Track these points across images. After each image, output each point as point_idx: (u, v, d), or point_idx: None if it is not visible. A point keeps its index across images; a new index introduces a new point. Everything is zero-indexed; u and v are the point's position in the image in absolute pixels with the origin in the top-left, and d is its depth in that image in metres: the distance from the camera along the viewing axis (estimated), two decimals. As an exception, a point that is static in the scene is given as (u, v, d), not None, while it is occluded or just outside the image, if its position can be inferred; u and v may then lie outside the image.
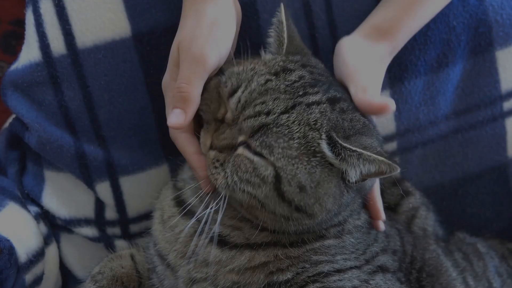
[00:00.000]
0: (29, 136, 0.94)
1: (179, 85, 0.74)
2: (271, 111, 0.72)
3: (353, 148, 0.70)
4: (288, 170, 0.70)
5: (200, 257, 0.79)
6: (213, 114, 0.77)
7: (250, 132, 0.72)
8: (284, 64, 0.78)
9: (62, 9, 0.88)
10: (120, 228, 0.99)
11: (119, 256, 0.90)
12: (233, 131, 0.74)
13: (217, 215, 0.75)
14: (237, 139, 0.74)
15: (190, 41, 0.76)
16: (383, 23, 0.89)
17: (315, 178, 0.71)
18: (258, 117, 0.72)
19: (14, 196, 0.93)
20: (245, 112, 0.73)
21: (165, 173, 0.97)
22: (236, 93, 0.75)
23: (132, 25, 0.90)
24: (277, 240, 0.78)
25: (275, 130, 0.71)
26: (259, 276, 0.76)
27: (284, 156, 0.70)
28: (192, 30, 0.77)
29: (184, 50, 0.76)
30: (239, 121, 0.73)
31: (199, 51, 0.75)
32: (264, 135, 0.71)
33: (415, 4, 0.89)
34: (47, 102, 0.91)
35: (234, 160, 0.73)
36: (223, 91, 0.76)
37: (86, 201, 0.97)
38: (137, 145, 0.95)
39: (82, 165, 0.93)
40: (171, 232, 0.82)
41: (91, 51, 0.89)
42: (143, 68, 0.92)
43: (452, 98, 1.04)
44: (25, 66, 0.91)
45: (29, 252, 0.87)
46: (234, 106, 0.74)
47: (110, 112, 0.92)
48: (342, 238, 0.79)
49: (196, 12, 0.79)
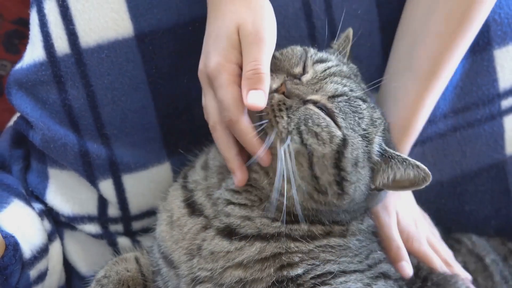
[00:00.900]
0: (33, 134, 0.94)
1: (254, 66, 0.74)
2: (352, 90, 0.80)
3: (398, 153, 0.79)
4: (354, 141, 0.76)
5: (206, 251, 0.79)
6: (288, 68, 0.81)
7: (332, 94, 0.78)
8: (357, 71, 0.89)
9: (66, 9, 0.89)
10: (122, 225, 0.99)
11: (123, 259, 0.90)
12: (309, 88, 0.78)
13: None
14: (310, 95, 0.78)
15: (253, 25, 0.77)
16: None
17: (365, 161, 0.77)
18: (344, 87, 0.79)
19: (18, 193, 0.94)
20: (333, 78, 0.80)
21: (167, 171, 0.98)
22: (325, 63, 0.82)
23: (134, 25, 0.91)
24: (289, 232, 0.78)
25: (353, 104, 0.78)
26: (269, 270, 0.76)
27: (354, 129, 0.77)
28: (250, 14, 0.78)
29: (250, 33, 0.76)
30: (321, 83, 0.79)
31: (265, 34, 0.77)
32: (343, 102, 0.78)
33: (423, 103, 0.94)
34: (51, 101, 0.92)
35: (305, 111, 0.76)
36: (311, 56, 0.83)
37: (89, 199, 0.98)
38: (139, 143, 0.96)
39: (86, 163, 0.94)
40: (179, 231, 0.83)
41: (94, 51, 0.90)
42: (146, 67, 0.93)
43: (450, 97, 1.04)
44: (29, 66, 0.92)
45: (33, 249, 0.87)
46: (321, 70, 0.81)
47: (113, 110, 0.93)
48: (347, 238, 0.80)
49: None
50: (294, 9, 0.95)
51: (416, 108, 0.94)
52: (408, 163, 0.77)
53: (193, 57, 0.91)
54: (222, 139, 0.79)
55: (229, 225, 0.80)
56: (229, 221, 0.80)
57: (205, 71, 0.80)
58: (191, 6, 0.91)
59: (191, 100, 0.95)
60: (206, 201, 0.84)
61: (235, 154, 0.79)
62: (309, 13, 0.96)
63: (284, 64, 0.81)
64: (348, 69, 0.86)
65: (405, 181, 0.78)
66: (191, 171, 0.91)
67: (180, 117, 0.96)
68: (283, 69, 0.81)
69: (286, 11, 0.95)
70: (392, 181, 0.78)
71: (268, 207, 0.79)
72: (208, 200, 0.84)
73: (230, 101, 0.75)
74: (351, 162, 0.76)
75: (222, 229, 0.80)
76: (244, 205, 0.81)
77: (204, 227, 0.81)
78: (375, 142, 0.79)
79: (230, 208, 0.81)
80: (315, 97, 0.78)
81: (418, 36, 0.94)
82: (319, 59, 0.83)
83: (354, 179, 0.77)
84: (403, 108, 0.95)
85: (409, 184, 0.78)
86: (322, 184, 0.76)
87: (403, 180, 0.78)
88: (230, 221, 0.80)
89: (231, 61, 0.77)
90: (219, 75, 0.77)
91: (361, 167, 0.77)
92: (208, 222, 0.81)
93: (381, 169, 0.79)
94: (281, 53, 0.84)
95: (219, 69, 0.77)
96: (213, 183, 0.85)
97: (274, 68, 0.80)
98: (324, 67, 0.82)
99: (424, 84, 0.93)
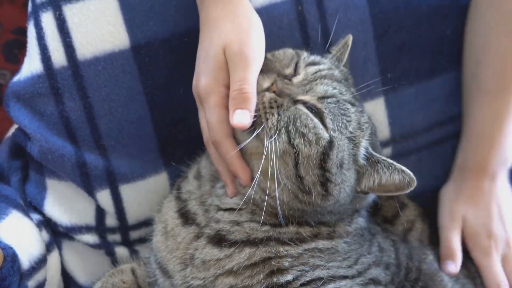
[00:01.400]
0: (31, 146, 0.95)
1: (239, 86, 0.75)
2: (342, 93, 0.82)
3: (384, 158, 0.80)
4: (340, 143, 0.78)
5: (198, 260, 0.80)
6: (279, 69, 0.83)
7: (322, 95, 0.80)
8: (348, 76, 0.91)
9: (63, 22, 0.90)
10: (120, 235, 1.00)
11: (120, 271, 0.91)
12: (299, 88, 0.80)
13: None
14: (300, 96, 0.79)
15: (239, 44, 0.78)
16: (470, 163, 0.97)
17: (350, 163, 0.79)
18: (334, 89, 0.81)
19: (17, 204, 0.94)
20: (323, 80, 0.82)
21: (164, 181, 0.99)
22: (317, 66, 0.84)
23: (130, 37, 0.91)
24: (277, 235, 0.80)
25: (342, 106, 0.80)
26: (259, 276, 0.77)
27: (341, 131, 0.79)
28: (236, 33, 0.79)
29: (235, 53, 0.78)
30: (311, 84, 0.81)
31: (251, 53, 0.78)
32: (333, 103, 0.79)
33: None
34: (49, 112, 0.93)
35: (295, 111, 0.77)
36: (303, 59, 0.85)
37: (87, 209, 0.98)
38: (136, 153, 0.96)
39: (83, 173, 0.94)
40: (173, 241, 0.84)
41: (91, 63, 0.91)
42: (142, 78, 0.93)
43: (446, 104, 1.05)
44: (27, 78, 0.92)
45: (31, 259, 0.88)
46: (312, 72, 0.83)
47: (110, 121, 0.94)
48: (335, 240, 0.81)
49: (232, 16, 0.81)
50: (289, 19, 0.96)
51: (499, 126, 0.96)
52: (394, 168, 0.79)
53: (189, 67, 0.92)
54: (215, 154, 0.82)
55: (219, 232, 0.81)
56: (218, 227, 0.81)
57: (196, 90, 0.82)
58: (187, 18, 0.92)
59: (187, 110, 0.95)
60: (200, 209, 0.85)
61: (227, 168, 0.81)
62: (303, 23, 0.97)
63: (275, 65, 0.83)
64: (340, 73, 0.87)
65: (390, 185, 0.80)
66: (184, 182, 0.92)
67: (176, 127, 0.97)
68: (274, 70, 0.82)
69: (281, 21, 0.95)
70: (378, 185, 0.80)
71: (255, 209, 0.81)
72: (202, 208, 0.85)
73: (215, 123, 0.77)
74: (336, 163, 0.77)
75: (213, 237, 0.81)
76: (232, 209, 0.82)
77: (196, 236, 0.82)
78: (361, 146, 0.81)
79: (220, 214, 0.82)
80: (305, 97, 0.79)
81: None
82: (311, 61, 0.85)
83: (339, 181, 0.78)
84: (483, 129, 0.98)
85: (395, 189, 0.80)
86: (306, 184, 0.77)
87: (389, 184, 0.79)
88: (220, 227, 0.81)
89: (219, 83, 0.78)
90: (207, 97, 0.79)
91: (346, 169, 0.79)
92: (200, 230, 0.83)
93: (366, 173, 0.80)
94: (273, 55, 0.86)
95: (207, 91, 0.79)
96: (206, 190, 0.87)
97: (265, 69, 0.81)
98: (315, 69, 0.84)
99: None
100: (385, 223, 0.95)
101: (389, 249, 0.88)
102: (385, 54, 1.01)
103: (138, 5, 0.91)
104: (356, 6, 0.98)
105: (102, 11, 0.90)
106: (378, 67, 1.01)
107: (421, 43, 1.01)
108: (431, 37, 1.02)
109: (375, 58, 1.01)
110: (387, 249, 0.88)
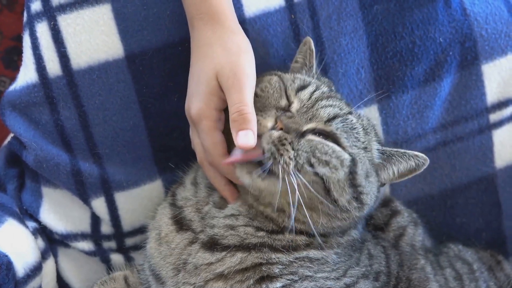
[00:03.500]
0: (26, 154, 0.96)
1: (238, 108, 0.76)
2: (342, 109, 0.84)
3: (396, 149, 0.86)
4: (360, 156, 0.81)
5: (191, 265, 0.81)
6: (275, 103, 0.83)
7: (327, 118, 0.81)
8: (331, 84, 0.93)
9: (58, 32, 0.91)
10: (115, 241, 1.00)
11: (112, 279, 0.92)
12: (302, 118, 0.81)
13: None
14: (304, 125, 0.80)
15: (231, 68, 0.79)
16: None
17: (372, 169, 0.83)
18: (334, 108, 0.83)
19: (12, 212, 0.95)
20: (321, 103, 0.83)
21: (158, 188, 0.99)
22: (307, 89, 0.84)
23: (124, 46, 0.92)
24: (271, 242, 0.80)
25: (347, 121, 0.83)
26: (249, 282, 0.78)
27: (356, 145, 0.82)
28: (226, 58, 0.81)
29: (227, 77, 0.79)
30: (312, 110, 0.81)
31: (244, 75, 0.79)
32: (339, 123, 0.81)
33: None
34: (44, 121, 0.93)
35: (310, 142, 0.78)
36: (290, 85, 0.85)
37: (82, 216, 0.99)
38: (131, 161, 0.97)
39: (78, 181, 0.95)
40: (167, 247, 0.85)
41: (85, 72, 0.92)
42: (136, 87, 0.94)
43: (439, 112, 1.05)
44: (22, 87, 0.93)
45: (26, 267, 0.88)
46: (307, 97, 0.83)
47: (105, 130, 0.94)
48: (326, 251, 0.82)
49: (221, 41, 0.82)
50: (282, 28, 0.96)
51: None
52: (408, 156, 0.85)
53: (183, 76, 0.93)
54: (210, 173, 0.84)
55: (212, 237, 0.82)
56: (213, 232, 0.82)
57: (188, 114, 0.83)
58: (180, 28, 0.93)
59: (181, 118, 0.95)
60: (196, 215, 0.85)
61: (224, 184, 0.83)
62: (297, 31, 0.97)
63: (270, 101, 0.83)
64: (327, 87, 0.88)
65: (407, 170, 0.86)
66: (180, 188, 0.92)
67: (170, 135, 0.98)
68: (270, 105, 0.82)
69: (275, 30, 0.96)
70: (398, 174, 0.86)
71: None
72: (197, 214, 0.85)
73: (210, 146, 0.80)
74: (363, 176, 0.81)
75: (206, 242, 0.82)
76: (230, 215, 0.83)
77: (191, 242, 0.83)
78: (373, 148, 0.85)
79: (216, 219, 0.83)
80: (311, 125, 0.80)
81: None
82: (299, 86, 0.85)
83: (368, 190, 0.82)
84: None
85: (409, 172, 0.86)
86: (342, 205, 0.79)
87: (406, 170, 0.86)
88: (214, 232, 0.82)
89: (211, 107, 0.80)
90: (200, 121, 0.81)
91: (371, 176, 0.83)
92: (195, 236, 0.83)
93: (384, 168, 0.85)
94: (262, 90, 0.85)
95: (199, 115, 0.81)
96: (203, 197, 0.87)
97: (261, 107, 0.82)
98: (308, 94, 0.84)
99: None
100: (377, 231, 0.96)
101: (380, 256, 0.89)
102: (378, 61, 1.01)
103: (132, 15, 0.92)
104: (349, 14, 0.98)
105: (96, 21, 0.91)
106: (371, 75, 1.02)
107: (414, 50, 1.01)
108: (425, 44, 1.02)
109: (368, 65, 1.02)
110: (377, 256, 0.88)
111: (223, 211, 0.84)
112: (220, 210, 0.84)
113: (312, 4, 0.97)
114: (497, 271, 1.03)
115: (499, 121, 1.07)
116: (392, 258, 0.90)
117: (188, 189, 0.90)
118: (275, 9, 0.96)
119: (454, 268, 0.97)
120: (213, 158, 0.81)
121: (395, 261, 0.90)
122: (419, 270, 0.90)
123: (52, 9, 0.91)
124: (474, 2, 1.03)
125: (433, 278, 0.91)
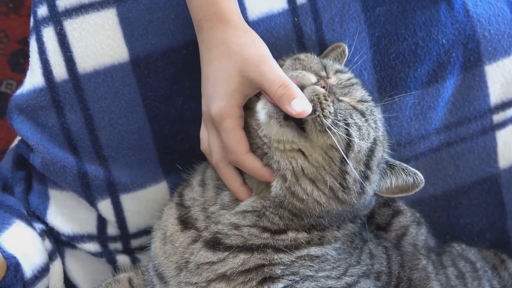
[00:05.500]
0: (33, 157, 0.97)
1: (279, 83, 0.76)
2: (370, 100, 0.88)
3: (398, 162, 0.87)
4: (379, 143, 0.84)
5: (193, 264, 0.81)
6: (316, 69, 0.86)
7: (360, 99, 0.85)
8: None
9: (64, 37, 0.92)
10: (121, 243, 1.01)
11: (116, 281, 0.93)
12: (338, 90, 0.85)
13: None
14: (341, 97, 0.84)
15: (257, 56, 0.80)
16: None
17: (380, 165, 0.84)
18: (366, 96, 0.87)
19: (20, 214, 0.96)
20: (356, 87, 0.87)
21: (164, 190, 1.00)
22: (346, 74, 0.89)
23: (129, 50, 0.93)
24: (274, 243, 0.80)
25: (373, 112, 0.86)
26: (251, 283, 0.78)
27: (376, 130, 0.84)
28: (247, 51, 0.80)
29: (258, 63, 0.79)
30: (348, 89, 0.86)
31: (271, 58, 0.80)
32: (369, 107, 0.85)
33: None
34: (51, 125, 0.94)
35: (347, 106, 0.82)
36: (330, 66, 0.89)
37: (88, 218, 1.00)
38: (136, 163, 0.98)
39: (84, 184, 0.96)
40: (171, 246, 0.85)
41: (91, 76, 0.93)
42: (141, 90, 0.95)
43: (443, 113, 1.06)
44: (29, 91, 0.94)
45: (34, 268, 0.89)
46: (345, 78, 0.88)
47: (110, 133, 0.95)
48: (325, 247, 0.82)
49: (236, 39, 0.82)
50: (285, 30, 0.97)
51: None
52: (409, 171, 0.85)
53: (187, 79, 0.94)
54: (226, 175, 0.84)
55: (215, 234, 0.82)
56: (217, 228, 0.82)
57: (208, 115, 0.83)
58: (185, 31, 0.94)
59: (186, 121, 0.97)
60: (201, 214, 0.86)
61: (239, 185, 0.83)
62: (300, 34, 0.98)
63: (312, 65, 0.86)
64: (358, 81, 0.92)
65: (403, 186, 0.86)
66: (187, 189, 0.93)
67: (175, 138, 0.98)
68: (311, 70, 0.85)
69: (278, 33, 0.97)
70: (395, 186, 0.86)
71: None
72: (203, 214, 0.86)
73: (234, 144, 0.80)
74: (377, 161, 0.83)
75: (209, 240, 0.82)
76: (242, 211, 0.83)
77: (194, 240, 0.84)
78: (385, 151, 0.87)
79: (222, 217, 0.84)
80: (346, 99, 0.83)
81: None
82: (338, 69, 0.90)
83: (373, 180, 0.83)
84: None
85: (406, 189, 0.86)
86: (349, 180, 0.80)
87: (402, 185, 0.86)
88: (218, 229, 0.82)
89: (233, 105, 0.80)
90: (222, 120, 0.80)
91: (379, 168, 0.84)
92: (198, 234, 0.84)
93: (385, 176, 0.86)
94: (306, 55, 0.89)
95: (222, 115, 0.80)
96: (210, 197, 0.88)
97: (301, 68, 0.84)
98: (347, 77, 0.89)
99: None
100: (379, 230, 0.96)
101: (381, 256, 0.89)
102: (381, 63, 1.02)
103: (137, 19, 0.93)
104: (351, 16, 0.99)
105: (102, 26, 0.92)
106: (374, 76, 1.02)
107: (417, 52, 1.02)
108: (427, 46, 1.02)
109: (371, 67, 1.02)
110: (379, 256, 0.89)
111: (233, 210, 0.84)
112: (228, 210, 0.84)
113: (315, 6, 0.98)
114: (501, 270, 1.03)
115: (503, 122, 1.07)
116: (393, 259, 0.90)
117: (196, 190, 0.90)
118: (278, 12, 0.96)
119: (457, 267, 0.98)
120: (237, 156, 0.80)
121: (396, 261, 0.90)
122: (420, 270, 0.90)
123: (58, 14, 0.92)
124: (477, 3, 1.04)
125: (434, 277, 0.91)
